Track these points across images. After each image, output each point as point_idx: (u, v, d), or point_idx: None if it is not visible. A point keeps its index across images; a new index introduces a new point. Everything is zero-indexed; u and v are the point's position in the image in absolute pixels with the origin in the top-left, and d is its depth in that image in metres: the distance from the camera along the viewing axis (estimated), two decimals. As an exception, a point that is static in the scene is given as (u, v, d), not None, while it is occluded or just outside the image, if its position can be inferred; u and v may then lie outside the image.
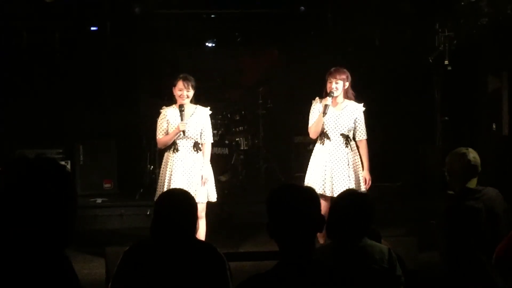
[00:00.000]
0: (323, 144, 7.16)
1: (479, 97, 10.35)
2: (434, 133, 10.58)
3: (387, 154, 11.21)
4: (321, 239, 6.21)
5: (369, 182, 7.16)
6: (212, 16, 11.56)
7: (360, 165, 7.21)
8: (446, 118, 10.42)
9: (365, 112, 7.24)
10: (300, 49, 11.73)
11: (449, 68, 9.76)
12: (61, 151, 10.59)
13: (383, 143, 11.19)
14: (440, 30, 9.95)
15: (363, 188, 7.09)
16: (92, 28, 11.28)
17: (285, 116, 11.11)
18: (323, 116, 7.04)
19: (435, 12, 10.24)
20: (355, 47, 11.34)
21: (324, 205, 6.33)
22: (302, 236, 2.90)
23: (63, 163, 10.20)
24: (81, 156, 10.72)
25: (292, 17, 11.29)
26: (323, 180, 7.04)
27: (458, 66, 9.90)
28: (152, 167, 10.59)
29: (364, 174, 7.16)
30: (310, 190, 3.05)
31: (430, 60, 10.17)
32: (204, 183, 7.17)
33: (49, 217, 2.21)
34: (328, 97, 7.05)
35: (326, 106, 7.02)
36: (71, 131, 11.08)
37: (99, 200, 10.18)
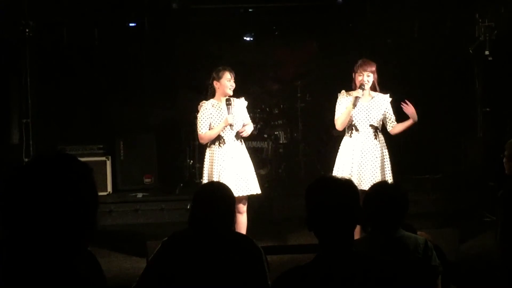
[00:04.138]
0: (350, 136, 7.10)
1: (520, 87, 10.22)
2: (475, 125, 10.47)
3: (427, 145, 11.15)
4: (356, 234, 6.17)
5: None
6: (250, 10, 11.54)
7: (388, 157, 7.11)
8: (488, 109, 10.29)
9: (391, 102, 7.16)
10: (338, 41, 11.67)
11: (490, 58, 9.64)
12: (102, 146, 10.69)
13: (423, 135, 11.12)
14: (480, 20, 9.83)
15: (389, 180, 6.98)
16: (131, 24, 11.35)
17: (324, 109, 11.06)
18: (353, 108, 6.99)
19: (475, 1, 10.12)
20: (394, 38, 11.26)
21: None
22: (341, 229, 2.89)
23: (104, 158, 10.37)
24: (122, 151, 10.81)
25: (330, 9, 11.24)
26: (350, 174, 6.97)
27: (499, 57, 9.78)
28: (191, 161, 10.63)
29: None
30: (348, 182, 3.03)
31: (470, 51, 10.06)
32: (242, 133, 7.25)
33: (69, 214, 2.21)
34: (359, 89, 7.00)
35: (356, 98, 6.96)
36: (112, 127, 11.18)
37: (139, 195, 10.25)
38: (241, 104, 7.36)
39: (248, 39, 12.19)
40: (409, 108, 6.99)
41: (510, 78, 10.27)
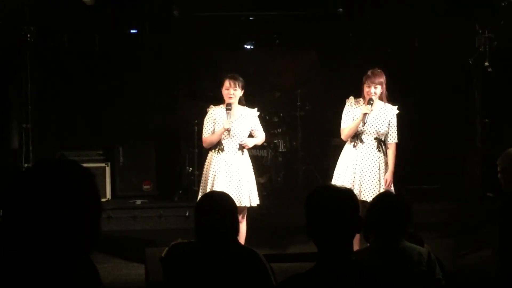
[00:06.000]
0: (355, 147, 7.08)
1: (519, 98, 10.24)
2: (474, 135, 10.48)
3: (426, 156, 11.15)
4: (356, 245, 6.18)
5: (389, 184, 7.04)
6: (251, 18, 11.57)
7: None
8: (486, 120, 10.32)
9: (398, 115, 7.17)
10: (338, 51, 11.70)
11: (490, 69, 9.66)
12: (101, 152, 10.69)
13: (422, 145, 11.13)
14: (480, 31, 9.85)
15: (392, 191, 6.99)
16: (132, 31, 11.37)
17: (323, 118, 11.08)
18: (363, 126, 6.99)
19: (475, 13, 10.14)
20: (394, 48, 11.28)
21: None
22: (340, 237, 2.90)
23: (103, 164, 10.38)
24: (121, 158, 10.81)
25: (330, 19, 11.26)
26: (351, 184, 6.97)
27: (499, 68, 9.80)
28: (190, 169, 10.63)
29: (386, 176, 7.05)
30: (348, 191, 3.05)
31: (470, 62, 10.08)
32: (244, 144, 7.24)
33: (72, 220, 2.21)
34: (368, 105, 6.98)
35: (365, 115, 6.95)
36: (111, 133, 11.18)
37: (138, 202, 10.25)
38: (250, 114, 7.35)
39: (248, 47, 12.21)
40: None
41: (509, 89, 10.29)
